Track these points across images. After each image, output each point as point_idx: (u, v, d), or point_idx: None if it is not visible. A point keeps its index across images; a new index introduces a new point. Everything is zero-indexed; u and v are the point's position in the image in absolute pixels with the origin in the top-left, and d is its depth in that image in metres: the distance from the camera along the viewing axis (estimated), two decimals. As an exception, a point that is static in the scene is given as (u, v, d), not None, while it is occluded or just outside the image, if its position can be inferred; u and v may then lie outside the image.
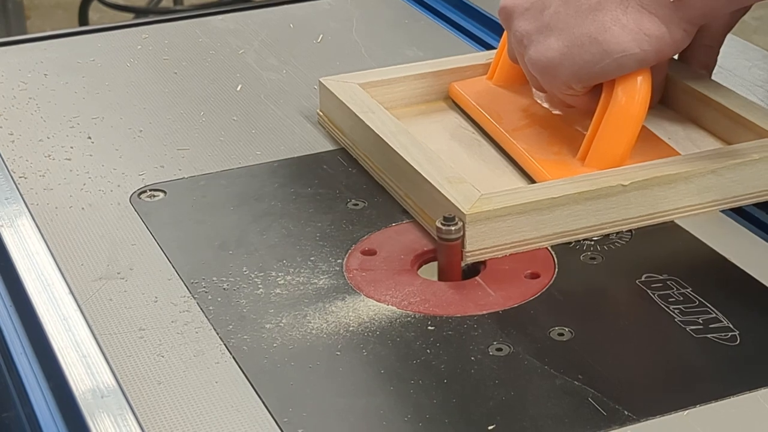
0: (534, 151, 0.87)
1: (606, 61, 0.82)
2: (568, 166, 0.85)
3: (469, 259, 0.78)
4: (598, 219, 0.81)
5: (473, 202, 0.79)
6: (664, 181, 0.82)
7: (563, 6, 0.84)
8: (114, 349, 0.72)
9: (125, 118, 1.00)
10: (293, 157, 0.93)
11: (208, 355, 0.72)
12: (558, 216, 0.80)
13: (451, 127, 0.94)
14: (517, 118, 0.92)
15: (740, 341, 0.72)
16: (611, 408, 0.67)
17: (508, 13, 0.88)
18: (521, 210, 0.79)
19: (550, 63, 0.84)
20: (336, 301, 0.76)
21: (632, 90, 0.83)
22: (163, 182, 0.90)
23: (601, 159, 0.84)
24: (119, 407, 0.67)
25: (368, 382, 0.70)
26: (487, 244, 0.79)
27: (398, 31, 1.15)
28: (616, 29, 0.81)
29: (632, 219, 0.82)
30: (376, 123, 0.89)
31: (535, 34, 0.85)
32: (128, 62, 1.10)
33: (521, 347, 0.72)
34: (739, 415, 0.67)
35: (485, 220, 0.78)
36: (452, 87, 0.98)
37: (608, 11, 0.82)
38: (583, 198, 0.80)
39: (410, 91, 0.97)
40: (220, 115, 1.00)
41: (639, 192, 0.81)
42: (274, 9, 1.21)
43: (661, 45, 0.82)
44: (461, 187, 0.80)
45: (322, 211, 0.86)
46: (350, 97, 0.93)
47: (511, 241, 0.79)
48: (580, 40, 0.83)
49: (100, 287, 0.78)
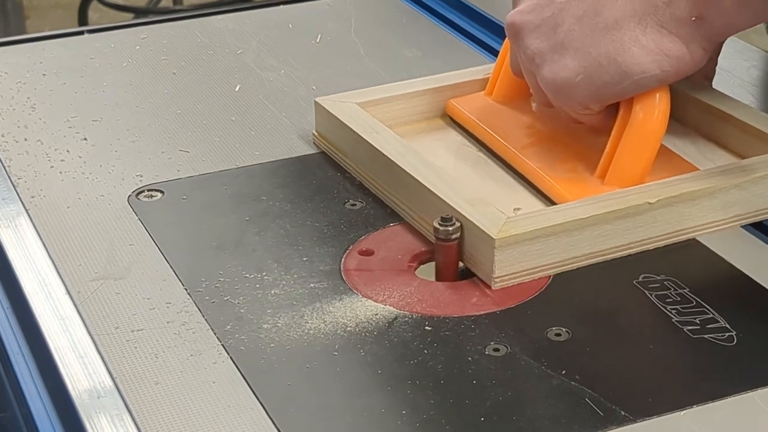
0: (548, 169, 0.85)
1: (626, 83, 0.80)
2: (588, 184, 0.84)
3: (498, 284, 0.76)
4: (626, 238, 0.79)
5: (500, 226, 0.77)
6: (689, 197, 0.80)
7: (577, 24, 0.81)
8: (111, 350, 0.72)
9: (123, 118, 1.00)
10: (291, 158, 0.93)
11: (206, 355, 0.72)
12: (587, 237, 0.78)
13: (454, 145, 0.92)
14: (524, 135, 0.90)
15: (737, 341, 0.72)
16: (608, 408, 0.67)
17: (517, 29, 0.85)
18: (550, 232, 0.77)
19: (566, 83, 0.82)
20: (333, 301, 0.76)
21: (651, 107, 0.82)
22: (161, 182, 0.90)
23: (622, 177, 0.82)
24: (116, 408, 0.67)
25: (366, 382, 0.70)
26: (516, 268, 0.77)
27: (397, 32, 1.15)
28: (635, 50, 0.79)
29: (658, 237, 0.80)
30: (381, 144, 0.86)
31: (548, 53, 0.83)
32: (126, 62, 1.10)
33: (518, 347, 0.72)
34: (736, 416, 0.67)
35: (514, 244, 0.76)
36: (450, 104, 0.95)
37: (626, 30, 0.80)
38: (612, 217, 0.78)
39: (409, 109, 0.95)
40: (219, 115, 1.00)
41: (665, 209, 0.80)
42: (272, 9, 1.21)
43: (681, 64, 0.80)
44: (484, 210, 0.78)
45: (320, 211, 0.86)
46: (350, 117, 0.90)
47: (540, 264, 0.77)
48: (597, 60, 0.80)
49: (97, 287, 0.78)
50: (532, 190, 0.86)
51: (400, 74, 1.06)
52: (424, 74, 1.06)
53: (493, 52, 1.10)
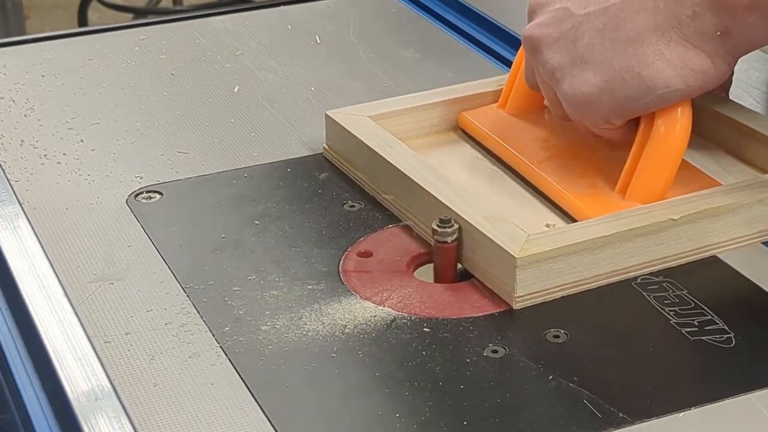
0: (567, 184, 0.84)
1: (649, 97, 0.79)
2: (608, 200, 0.82)
3: (519, 304, 0.75)
4: (648, 256, 0.78)
5: (521, 244, 0.75)
6: (712, 213, 0.79)
7: (598, 37, 0.80)
8: (109, 351, 0.72)
9: (122, 120, 1.00)
10: (290, 159, 0.93)
11: (204, 357, 0.72)
12: (609, 255, 0.76)
13: (467, 159, 0.91)
14: (540, 148, 0.88)
15: (735, 343, 0.72)
16: (606, 410, 0.67)
17: (535, 43, 0.83)
18: (572, 250, 0.75)
19: (588, 98, 0.80)
20: (332, 302, 0.76)
21: (673, 122, 0.80)
22: (159, 183, 0.90)
23: (643, 192, 0.81)
24: (114, 409, 0.67)
25: (364, 384, 0.70)
26: (537, 287, 0.75)
27: (396, 33, 1.15)
28: (659, 64, 0.78)
29: (681, 254, 0.79)
30: (396, 158, 0.85)
31: (568, 67, 0.81)
32: (125, 63, 1.10)
33: (517, 349, 0.72)
34: (735, 417, 0.67)
35: (536, 263, 0.74)
36: (463, 117, 0.93)
37: (650, 44, 0.78)
38: (634, 235, 0.77)
39: (421, 122, 0.93)
40: (218, 116, 1.00)
41: (688, 226, 0.78)
42: (271, 10, 1.21)
43: (706, 79, 0.79)
44: (504, 227, 0.77)
45: (319, 212, 0.86)
46: (363, 130, 0.89)
47: (562, 283, 0.76)
48: (620, 75, 0.79)
49: (95, 289, 0.78)
50: (550, 206, 0.84)
51: (398, 75, 1.06)
52: (423, 75, 1.06)
53: (490, 52, 1.10)
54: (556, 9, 0.82)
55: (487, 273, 0.77)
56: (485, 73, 1.07)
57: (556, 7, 0.82)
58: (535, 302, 0.75)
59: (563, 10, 0.82)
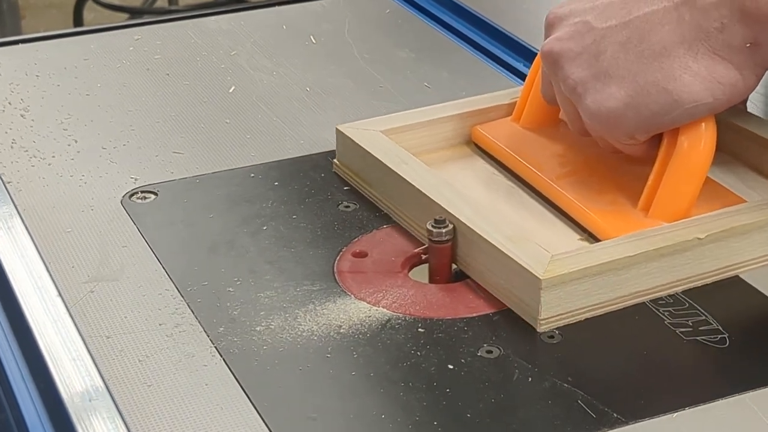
0: (587, 201, 0.81)
1: (676, 112, 0.77)
2: (631, 218, 0.80)
3: (544, 327, 0.73)
4: (673, 275, 0.76)
5: (546, 265, 0.73)
6: (739, 231, 0.77)
7: (622, 51, 0.78)
8: (103, 352, 0.72)
9: (117, 120, 1.00)
10: (285, 159, 0.93)
11: (198, 357, 0.72)
12: (635, 275, 0.74)
13: (483, 174, 0.88)
14: (557, 164, 0.86)
15: (729, 343, 0.72)
16: (600, 410, 0.67)
17: (555, 57, 0.80)
18: (598, 271, 0.73)
19: (613, 113, 0.78)
20: (326, 303, 0.76)
21: (697, 137, 0.78)
22: (154, 184, 0.90)
23: (667, 210, 0.79)
24: (108, 410, 0.67)
25: (358, 384, 0.70)
26: (562, 309, 0.73)
27: (391, 33, 1.15)
28: (686, 77, 0.76)
29: (707, 274, 0.77)
30: (412, 175, 0.82)
31: (591, 82, 0.79)
32: (120, 63, 1.10)
33: (511, 349, 0.72)
34: (728, 418, 0.67)
35: (561, 285, 0.72)
36: (476, 131, 0.91)
37: (676, 58, 0.76)
38: (659, 254, 0.75)
39: (434, 136, 0.90)
40: (212, 116, 1.00)
41: (714, 245, 0.76)
42: (267, 10, 1.21)
43: (734, 92, 0.76)
44: (526, 247, 0.75)
45: (314, 213, 0.86)
46: (375, 146, 0.86)
47: (588, 305, 0.74)
48: (646, 89, 0.77)
49: (90, 289, 0.78)
50: (569, 224, 0.82)
51: (394, 76, 1.06)
52: (418, 76, 1.06)
53: (486, 53, 1.10)
54: (576, 23, 0.80)
55: (510, 294, 0.75)
56: (480, 73, 1.07)
57: (575, 20, 0.80)
58: (559, 325, 0.73)
59: (584, 24, 0.80)
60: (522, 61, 1.08)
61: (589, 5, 0.80)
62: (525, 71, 1.06)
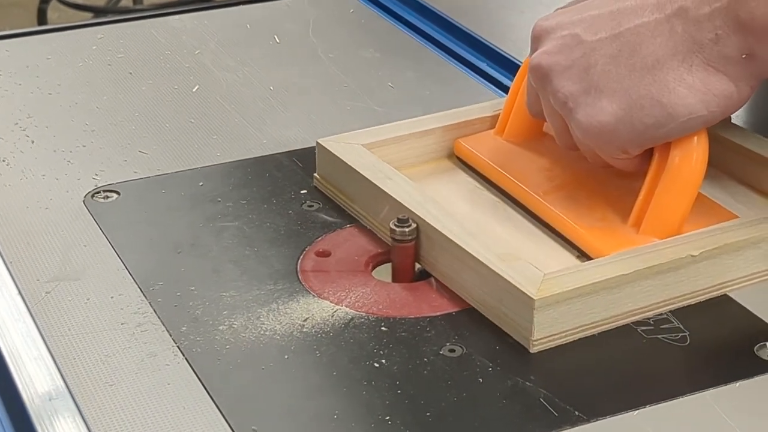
0: (576, 218, 0.80)
1: (671, 125, 0.75)
2: (622, 235, 0.78)
3: (536, 348, 0.71)
4: (667, 294, 0.74)
5: (539, 285, 0.71)
6: (733, 248, 0.75)
7: (613, 64, 0.76)
8: (64, 352, 0.72)
9: (79, 119, 0.99)
10: (248, 159, 0.93)
11: (161, 356, 0.72)
12: (628, 294, 0.73)
13: (466, 189, 0.86)
14: (544, 178, 0.84)
15: (690, 342, 0.72)
16: (562, 408, 0.67)
17: (544, 71, 0.79)
18: (591, 290, 0.72)
19: (605, 127, 0.76)
20: (290, 302, 0.76)
21: (689, 151, 0.76)
22: (117, 183, 0.90)
23: (659, 227, 0.77)
24: (69, 410, 0.67)
25: (321, 383, 0.70)
26: (555, 330, 0.71)
27: (355, 33, 1.15)
28: (681, 90, 0.74)
29: (700, 291, 0.75)
30: (398, 192, 0.81)
31: (582, 96, 0.77)
32: (83, 62, 1.09)
33: (474, 348, 0.72)
34: (689, 416, 0.67)
35: (554, 304, 0.71)
36: (459, 144, 0.89)
37: (670, 70, 0.75)
38: (653, 272, 0.73)
39: (416, 150, 0.88)
40: (176, 116, 1.00)
41: (708, 262, 0.75)
42: (231, 9, 1.21)
43: (729, 104, 0.75)
44: (518, 266, 0.73)
45: (277, 212, 0.86)
46: (358, 160, 0.84)
47: (581, 324, 0.72)
48: (639, 103, 0.75)
49: (51, 289, 0.78)
50: (559, 240, 0.80)
51: (358, 75, 1.06)
52: (382, 75, 1.06)
53: (449, 53, 1.11)
54: (564, 36, 0.79)
55: (500, 314, 0.73)
56: (444, 72, 1.07)
57: (563, 33, 0.79)
58: (551, 345, 0.71)
59: (572, 37, 0.78)
60: (486, 62, 1.08)
61: (576, 17, 0.79)
62: (489, 71, 1.07)
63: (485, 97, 1.02)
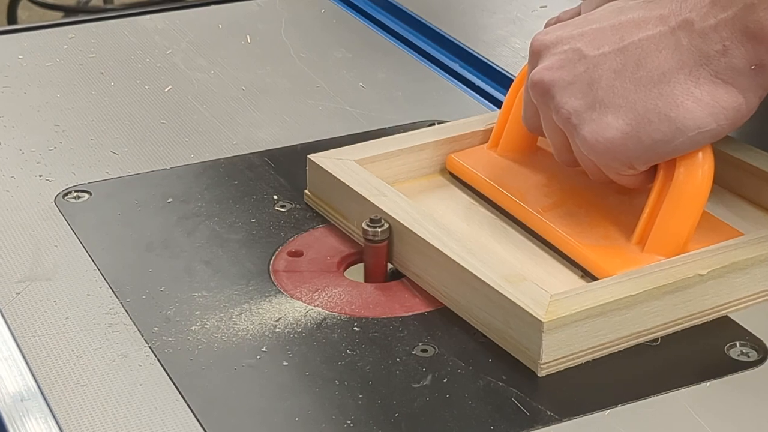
0: (578, 236, 0.78)
1: (679, 140, 0.73)
2: (627, 254, 0.76)
3: (545, 371, 0.69)
4: (674, 314, 0.73)
5: (546, 307, 0.70)
6: (740, 266, 0.74)
7: (617, 79, 0.75)
8: (35, 352, 0.72)
9: (50, 119, 0.99)
10: (220, 159, 0.93)
11: (132, 357, 0.72)
12: (636, 315, 0.71)
13: (461, 206, 0.85)
14: (541, 194, 0.82)
15: (661, 342, 0.73)
16: (534, 408, 0.67)
17: (546, 87, 0.77)
18: (600, 312, 0.70)
19: (611, 143, 0.74)
20: (262, 302, 0.76)
21: (694, 167, 0.75)
22: (88, 183, 0.89)
23: (664, 244, 0.75)
24: (40, 410, 0.67)
25: (293, 383, 0.70)
26: (563, 352, 0.70)
27: (327, 33, 1.15)
28: (689, 103, 0.73)
29: (708, 311, 0.74)
30: (394, 209, 0.79)
31: (586, 112, 0.75)
32: (53, 62, 1.09)
33: (446, 348, 0.72)
34: (659, 415, 0.68)
35: (563, 327, 0.69)
36: (452, 160, 0.87)
37: (677, 83, 0.73)
38: (661, 292, 0.72)
39: (409, 165, 0.87)
40: (148, 115, 1.00)
41: (716, 281, 0.73)
42: (202, 9, 1.21)
43: (737, 116, 0.73)
44: (524, 287, 0.71)
45: (249, 212, 0.86)
46: (351, 177, 0.82)
47: (589, 347, 0.70)
48: (646, 117, 0.74)
49: (22, 289, 0.77)
50: (560, 259, 0.78)
51: (330, 75, 1.06)
52: (354, 75, 1.06)
53: (421, 53, 1.11)
54: (566, 50, 0.77)
55: (506, 336, 0.71)
56: (416, 73, 1.07)
57: (564, 48, 0.77)
58: (559, 369, 0.70)
59: (574, 52, 0.77)
60: (458, 62, 1.09)
61: (577, 32, 0.77)
62: (461, 72, 1.07)
63: (457, 98, 1.03)
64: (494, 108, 1.01)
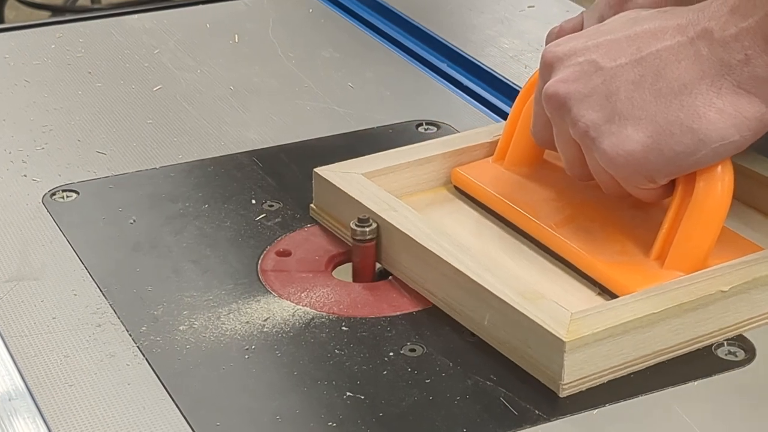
0: (594, 251, 0.76)
1: (702, 152, 0.72)
2: (647, 270, 0.74)
3: (566, 392, 0.68)
4: (695, 332, 0.71)
5: (567, 326, 0.68)
6: (762, 282, 0.72)
7: (636, 91, 0.73)
8: (23, 352, 0.71)
9: (38, 118, 0.99)
10: (208, 158, 0.93)
11: (120, 356, 0.71)
12: (658, 333, 0.70)
13: (471, 220, 0.83)
14: (553, 209, 0.80)
15: (649, 341, 0.73)
16: (522, 408, 0.67)
17: (562, 100, 0.75)
18: (622, 330, 0.69)
19: (632, 156, 0.73)
20: (250, 302, 0.76)
21: (714, 181, 0.73)
22: (76, 183, 0.89)
23: (684, 260, 0.74)
24: (28, 410, 0.67)
25: (281, 383, 0.70)
26: (585, 372, 0.68)
27: (314, 32, 1.15)
28: (711, 115, 0.71)
29: (729, 328, 0.72)
30: (405, 224, 0.77)
31: (605, 124, 0.73)
32: (41, 61, 1.09)
33: (434, 348, 0.72)
34: (647, 414, 0.68)
35: (585, 346, 0.67)
36: (457, 173, 0.85)
37: (699, 94, 0.71)
38: (683, 310, 0.70)
39: (416, 178, 0.85)
40: (136, 115, 1.00)
41: (737, 297, 0.72)
42: (190, 9, 1.20)
43: (760, 126, 0.72)
44: (543, 305, 0.70)
45: (237, 212, 0.86)
46: (359, 191, 0.81)
47: (610, 366, 0.69)
48: (668, 129, 0.72)
49: (10, 289, 0.77)
50: (575, 275, 0.77)
51: (317, 75, 1.06)
52: (342, 75, 1.06)
53: (409, 52, 1.11)
54: (581, 62, 0.75)
55: (525, 355, 0.70)
56: (404, 73, 1.07)
57: (580, 60, 0.75)
58: (581, 389, 0.68)
59: (590, 63, 0.75)
60: (446, 62, 1.09)
61: (591, 43, 0.76)
62: (448, 72, 1.07)
63: (445, 98, 1.03)
64: (481, 108, 1.01)
